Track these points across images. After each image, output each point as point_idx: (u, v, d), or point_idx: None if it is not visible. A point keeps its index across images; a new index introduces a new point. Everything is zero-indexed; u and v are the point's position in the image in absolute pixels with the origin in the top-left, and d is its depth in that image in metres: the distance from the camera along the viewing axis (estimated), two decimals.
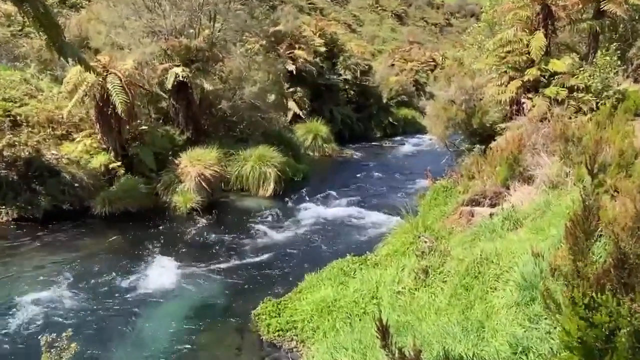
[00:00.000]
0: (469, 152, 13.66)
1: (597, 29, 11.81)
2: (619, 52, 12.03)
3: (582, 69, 11.66)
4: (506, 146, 8.97)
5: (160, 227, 11.90)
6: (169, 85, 14.16)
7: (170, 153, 14.26)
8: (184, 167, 13.36)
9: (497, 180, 8.67)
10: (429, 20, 68.34)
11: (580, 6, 12.21)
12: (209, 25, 16.25)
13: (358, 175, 18.15)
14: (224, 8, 15.96)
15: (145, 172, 13.23)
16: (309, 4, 51.15)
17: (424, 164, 18.56)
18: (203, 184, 13.05)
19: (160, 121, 15.59)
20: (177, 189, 13.07)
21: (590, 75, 11.33)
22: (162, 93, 15.22)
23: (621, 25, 13.39)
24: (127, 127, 13.40)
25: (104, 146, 13.33)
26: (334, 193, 15.19)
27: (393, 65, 35.57)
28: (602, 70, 11.32)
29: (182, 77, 14.10)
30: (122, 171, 13.00)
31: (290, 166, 16.01)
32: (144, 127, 13.93)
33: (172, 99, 15.33)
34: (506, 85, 12.39)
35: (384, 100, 28.77)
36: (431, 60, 40.85)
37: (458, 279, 5.70)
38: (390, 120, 28.33)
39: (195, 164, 13.25)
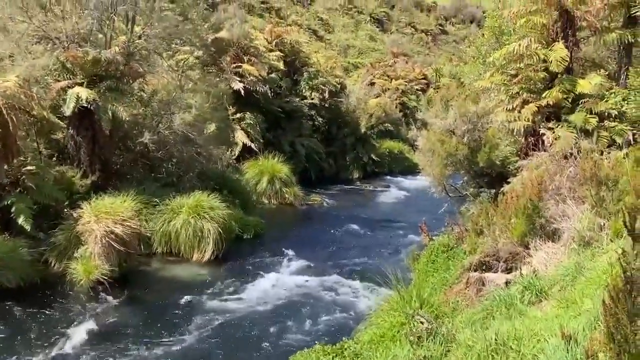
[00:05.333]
0: (475, 199, 14.00)
1: (629, 40, 12.62)
2: None
3: (612, 90, 12.36)
4: (523, 191, 9.25)
5: (50, 310, 11.38)
6: (68, 110, 14.00)
7: (66, 203, 13.91)
8: (87, 222, 13.02)
9: (512, 237, 8.86)
10: (417, 27, 71.58)
11: (607, 12, 13.09)
12: (126, 30, 16.39)
13: (329, 230, 18.20)
14: (146, 7, 16.22)
15: (29, 232, 12.77)
16: (262, 2, 52.80)
17: (417, 215, 18.89)
18: (113, 246, 12.71)
19: (54, 159, 15.29)
20: (75, 255, 12.67)
21: (623, 99, 12.01)
22: (57, 121, 15.00)
23: None
24: (6, 167, 13.04)
25: None
26: (296, 256, 15.09)
27: (373, 84, 36.74)
28: (637, 93, 12.03)
29: (87, 100, 13.99)
30: None
31: (237, 220, 15.91)
32: (29, 168, 13.59)
33: (71, 128, 15.13)
34: (519, 111, 12.95)
35: (362, 130, 29.42)
36: (422, 77, 42.51)
37: None
38: (371, 156, 28.89)
39: (102, 218, 12.95)
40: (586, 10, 12.83)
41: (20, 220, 12.52)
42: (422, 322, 7.04)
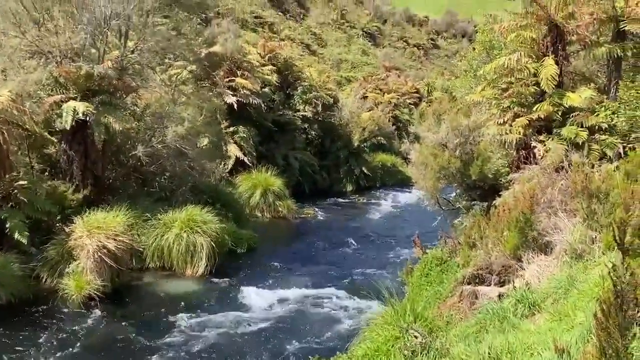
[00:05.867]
0: (468, 212, 14.05)
1: (618, 54, 12.76)
2: None
3: (603, 104, 12.47)
4: (515, 204, 9.27)
5: (42, 326, 11.28)
6: (66, 124, 13.94)
7: (58, 218, 13.84)
8: (79, 237, 12.95)
9: (505, 250, 8.88)
10: (409, 41, 72.17)
11: (596, 27, 13.24)
12: (119, 45, 16.41)
13: (322, 243, 18.16)
14: (140, 22, 16.26)
15: (21, 246, 12.68)
16: (255, 17, 53.09)
17: (410, 227, 18.95)
18: (106, 261, 12.63)
19: (46, 174, 15.23)
20: (67, 270, 12.58)
21: (613, 113, 12.12)
22: (49, 136, 14.97)
23: None
24: None
25: None
26: (290, 269, 15.05)
27: (365, 97, 36.91)
28: (627, 106, 12.14)
29: (84, 113, 13.96)
30: None
31: (230, 233, 15.85)
32: (21, 182, 13.53)
33: (63, 143, 15.09)
34: (510, 124, 13.03)
35: (355, 143, 29.52)
36: (414, 91, 42.79)
37: None
38: (364, 169, 28.96)
39: (95, 233, 12.88)
40: (576, 24, 12.97)
41: (17, 236, 12.40)
42: (416, 336, 7.03)
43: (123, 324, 11.60)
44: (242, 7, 52.73)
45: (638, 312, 2.46)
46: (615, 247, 2.48)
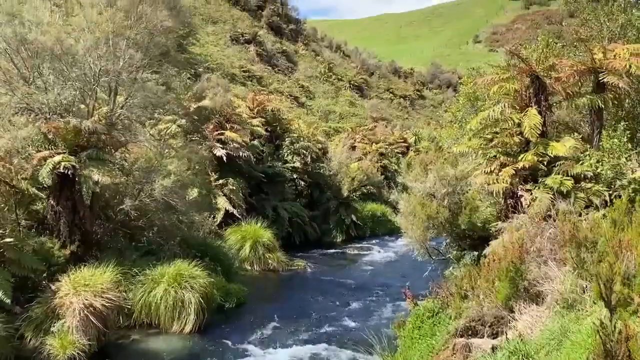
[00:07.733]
0: (458, 262, 14.00)
1: (600, 104, 13.06)
2: (628, 132, 13.25)
3: (587, 153, 12.67)
4: (504, 254, 9.27)
5: None
6: (44, 178, 13.85)
7: (45, 275, 13.58)
8: (65, 295, 12.68)
9: (497, 300, 8.82)
10: (396, 92, 73.63)
11: (576, 78, 13.59)
12: (108, 100, 16.55)
13: (313, 296, 17.92)
14: (129, 79, 16.44)
15: (5, 306, 12.38)
16: (244, 71, 54.02)
17: (401, 278, 18.80)
18: (92, 319, 12.34)
19: (33, 230, 15.05)
20: (52, 329, 12.24)
21: (598, 161, 12.30)
22: (38, 192, 14.87)
23: (627, 100, 14.93)
24: None
25: None
26: (280, 325, 14.78)
27: (354, 147, 37.31)
28: (611, 155, 12.34)
29: (65, 167, 13.88)
30: None
31: (219, 288, 15.63)
32: (7, 240, 13.34)
33: (51, 199, 14.99)
34: (497, 174, 13.17)
35: (345, 193, 29.63)
36: (402, 140, 43.35)
37: None
38: (354, 219, 28.96)
39: (81, 290, 12.63)
40: (556, 76, 13.32)
41: (1, 294, 12.12)
42: None
43: None
44: (231, 62, 53.81)
45: None
46: (603, 305, 2.47)
